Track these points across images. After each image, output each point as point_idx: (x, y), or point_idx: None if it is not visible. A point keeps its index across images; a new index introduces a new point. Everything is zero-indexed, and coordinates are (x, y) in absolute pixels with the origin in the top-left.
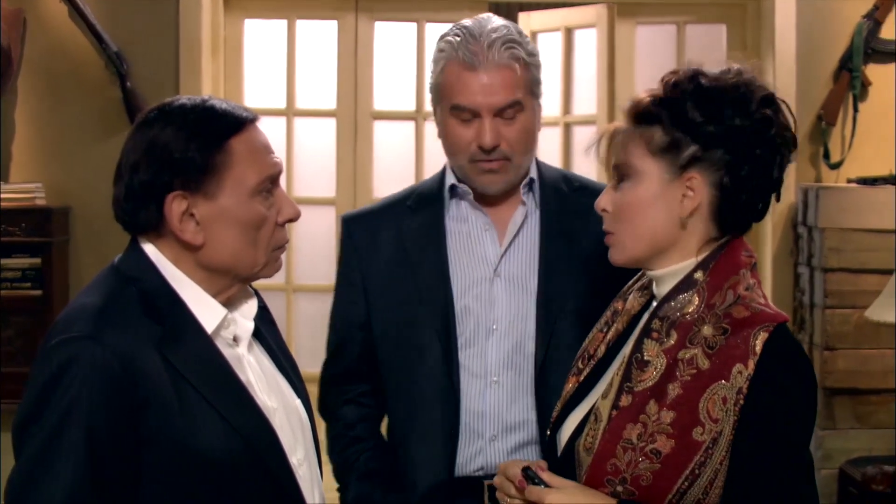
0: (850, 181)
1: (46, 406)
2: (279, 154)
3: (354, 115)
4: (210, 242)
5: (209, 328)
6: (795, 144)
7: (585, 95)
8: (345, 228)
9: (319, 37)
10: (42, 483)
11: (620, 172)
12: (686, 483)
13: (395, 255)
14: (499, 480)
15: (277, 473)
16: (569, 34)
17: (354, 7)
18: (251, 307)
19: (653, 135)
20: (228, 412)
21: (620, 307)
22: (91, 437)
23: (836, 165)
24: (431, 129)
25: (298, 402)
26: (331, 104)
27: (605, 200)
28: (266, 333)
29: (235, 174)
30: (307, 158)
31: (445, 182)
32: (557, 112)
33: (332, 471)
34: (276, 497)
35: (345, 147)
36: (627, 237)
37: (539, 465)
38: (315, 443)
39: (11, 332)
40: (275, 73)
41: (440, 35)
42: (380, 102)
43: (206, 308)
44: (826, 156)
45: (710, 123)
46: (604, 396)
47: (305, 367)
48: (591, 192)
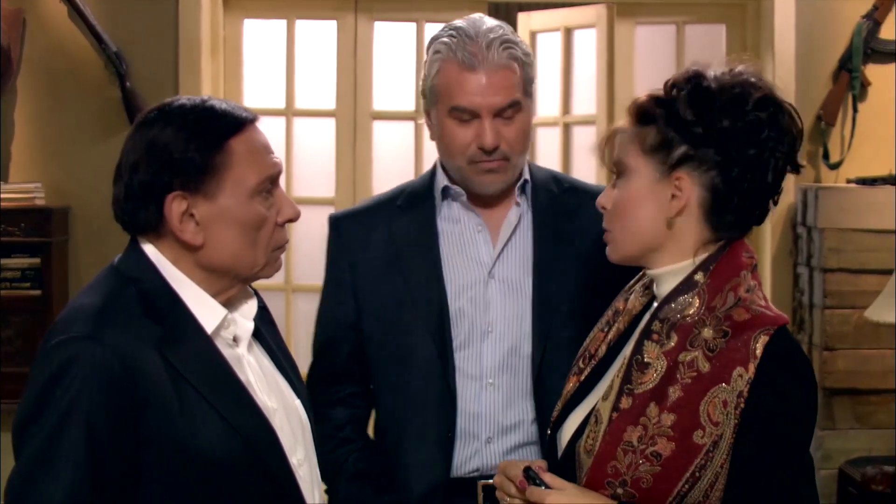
0: (850, 181)
1: (46, 406)
2: (279, 154)
3: (354, 115)
4: (210, 243)
5: (209, 328)
6: (794, 148)
7: (585, 95)
8: (333, 228)
9: (319, 37)
10: (42, 483)
11: (617, 170)
12: (686, 486)
13: (387, 256)
14: (499, 480)
15: (277, 474)
16: (568, 34)
17: (354, 7)
18: (251, 307)
19: (647, 134)
20: (228, 412)
21: (622, 307)
22: (91, 437)
23: (836, 166)
24: None
25: (298, 403)
26: (330, 104)
27: (605, 198)
28: (266, 333)
29: (235, 174)
30: (306, 158)
31: (437, 183)
32: (557, 112)
33: (320, 472)
34: (277, 497)
35: (344, 147)
36: (620, 235)
37: (539, 466)
38: (314, 443)
39: (11, 332)
40: (274, 73)
41: (431, 37)
42: (379, 102)
43: (206, 308)
44: (825, 156)
45: (700, 124)
46: (604, 398)
47: (305, 367)
48: (581, 193)
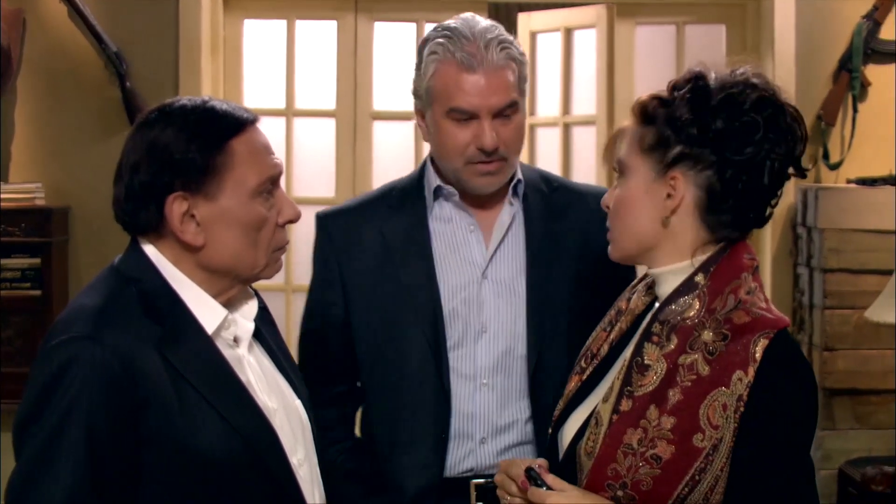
0: (850, 181)
1: (46, 406)
2: (279, 154)
3: (354, 116)
4: (210, 243)
5: (209, 329)
6: (794, 150)
7: (585, 96)
8: (321, 226)
9: (319, 37)
10: (42, 483)
11: (619, 170)
12: (686, 489)
13: (378, 256)
14: (500, 478)
15: (278, 474)
16: (568, 34)
17: (354, 7)
18: (251, 308)
19: (647, 133)
20: (229, 412)
21: (624, 306)
22: (91, 437)
23: (836, 166)
24: None
25: (298, 403)
26: (330, 104)
27: (608, 197)
28: (266, 334)
29: (236, 175)
30: (306, 159)
31: (427, 182)
32: (557, 112)
33: None
34: (277, 497)
35: (344, 147)
36: (618, 233)
37: (541, 465)
38: (315, 443)
39: (11, 332)
40: (274, 74)
41: (423, 38)
42: (379, 103)
43: (207, 309)
44: (825, 156)
45: (695, 123)
46: (604, 400)
47: None
48: (570, 192)
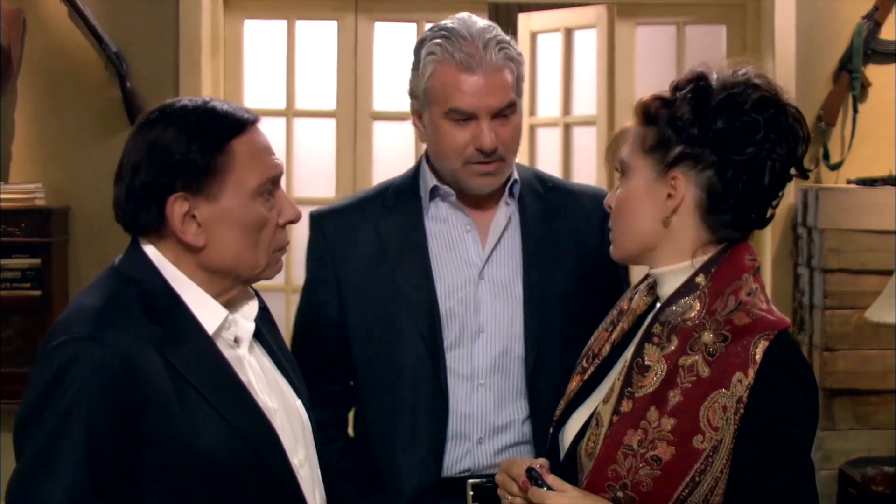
0: (850, 182)
1: (47, 406)
2: (279, 155)
3: (354, 116)
4: (212, 244)
5: (210, 329)
6: (795, 151)
7: (585, 96)
8: (316, 225)
9: (319, 37)
10: (43, 483)
11: (621, 170)
12: (686, 490)
13: (374, 255)
14: (501, 478)
15: (278, 474)
16: (569, 35)
17: (354, 7)
18: (252, 308)
19: (649, 133)
20: (229, 413)
21: (626, 306)
22: (91, 438)
23: (836, 166)
24: None
25: (299, 403)
26: (330, 105)
27: (610, 197)
28: (266, 334)
29: (237, 176)
30: (307, 159)
31: (423, 182)
32: (557, 113)
33: None
34: (278, 498)
35: (344, 147)
36: (619, 233)
37: (542, 465)
38: (315, 443)
39: (11, 333)
40: (274, 74)
41: (419, 39)
42: (379, 103)
43: (207, 309)
44: (826, 156)
45: (696, 123)
46: (605, 401)
47: None
48: (564, 192)
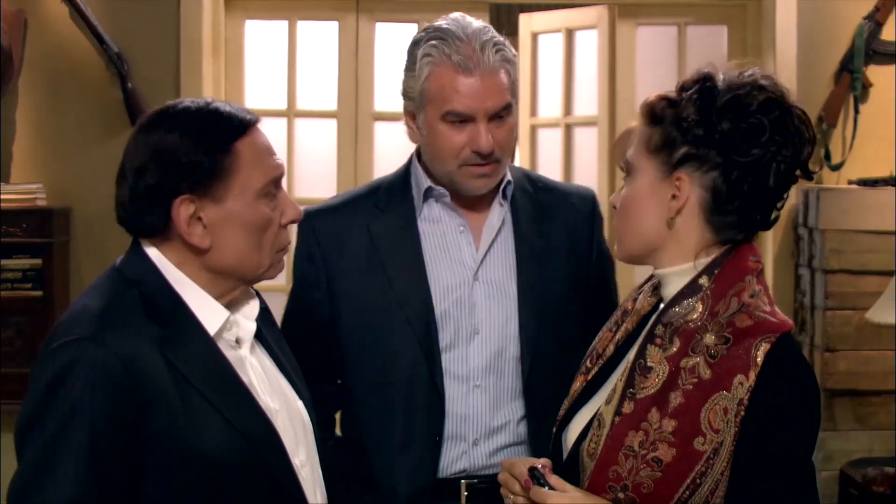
0: (851, 182)
1: (49, 408)
2: (280, 155)
3: (355, 116)
4: (217, 245)
5: (211, 330)
6: (801, 153)
7: (586, 97)
8: (305, 224)
9: (320, 38)
10: (45, 485)
11: (626, 170)
12: (687, 492)
13: (366, 256)
14: (503, 477)
15: (280, 475)
16: (570, 35)
17: (355, 8)
18: (253, 308)
19: (654, 134)
20: (231, 414)
21: (630, 307)
22: (94, 439)
23: (837, 167)
24: None
25: (300, 404)
26: (332, 105)
27: (615, 197)
28: (267, 335)
29: (242, 177)
30: (308, 159)
31: (415, 182)
32: (558, 113)
33: None
34: (279, 498)
35: (346, 148)
36: (623, 233)
37: (544, 465)
38: (317, 444)
39: (12, 333)
40: (276, 74)
41: (413, 40)
42: (381, 103)
43: (209, 310)
44: (827, 157)
45: (701, 124)
46: (607, 402)
47: None
48: (555, 191)
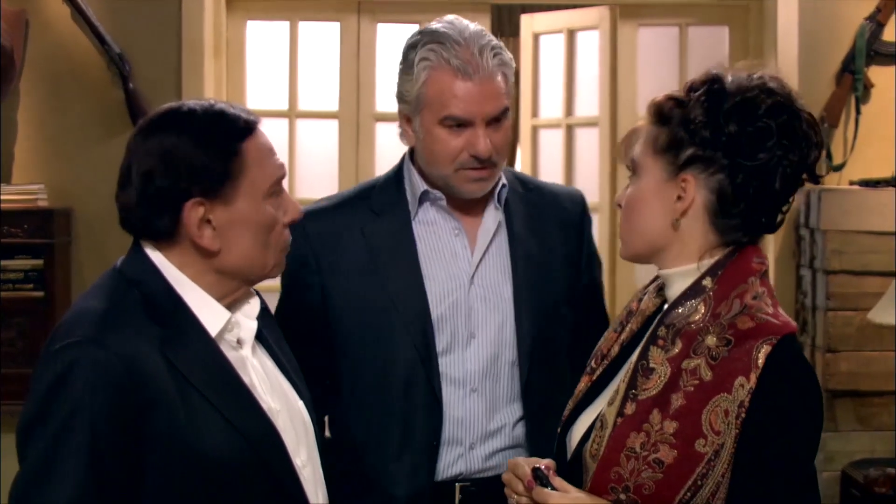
0: (853, 183)
1: (50, 410)
2: (282, 156)
3: (357, 117)
4: (226, 247)
5: (213, 331)
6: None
7: (587, 97)
8: (297, 226)
9: (322, 38)
10: (47, 486)
11: (632, 169)
12: (689, 494)
13: (361, 259)
14: (507, 477)
15: (281, 475)
16: (571, 36)
17: (357, 9)
18: (253, 307)
19: (661, 134)
20: (232, 415)
21: (635, 307)
22: (95, 440)
23: (839, 167)
24: None
25: (301, 404)
26: (333, 106)
27: (620, 196)
28: (268, 335)
29: (250, 178)
30: (309, 160)
31: (410, 185)
32: (559, 114)
33: None
34: (280, 499)
35: (347, 149)
36: (627, 233)
37: (547, 466)
38: (318, 444)
39: (13, 334)
40: (277, 75)
41: (408, 44)
42: (382, 104)
43: (210, 311)
44: (828, 158)
45: (708, 126)
46: (609, 403)
47: None
48: (544, 193)
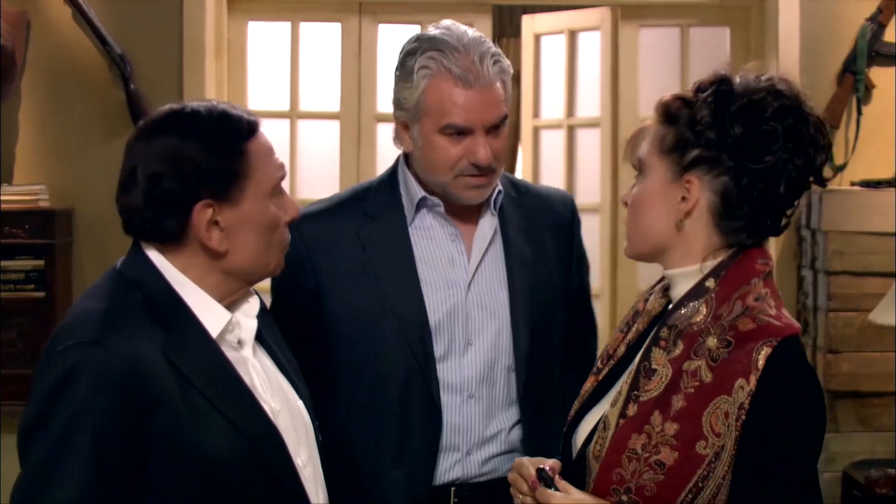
0: (854, 184)
1: (53, 412)
2: (283, 156)
3: (358, 118)
4: (233, 248)
5: (214, 332)
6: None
7: (589, 98)
8: (292, 229)
9: (323, 39)
10: (49, 487)
11: (638, 168)
12: (690, 495)
13: (357, 265)
14: (513, 477)
15: (283, 475)
16: (572, 37)
17: (358, 9)
18: (253, 306)
19: (667, 134)
20: (233, 415)
21: (641, 308)
22: (98, 442)
23: (840, 168)
24: None
25: (301, 404)
26: (334, 106)
27: (626, 195)
28: (267, 334)
29: (255, 179)
30: (311, 161)
31: (407, 191)
32: (561, 115)
33: None
34: (282, 499)
35: (348, 149)
36: (632, 232)
37: (552, 467)
38: (318, 443)
39: (14, 334)
40: (278, 76)
41: (406, 50)
42: (383, 105)
43: (211, 312)
44: (829, 159)
45: (714, 127)
46: (612, 404)
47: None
48: (536, 196)
